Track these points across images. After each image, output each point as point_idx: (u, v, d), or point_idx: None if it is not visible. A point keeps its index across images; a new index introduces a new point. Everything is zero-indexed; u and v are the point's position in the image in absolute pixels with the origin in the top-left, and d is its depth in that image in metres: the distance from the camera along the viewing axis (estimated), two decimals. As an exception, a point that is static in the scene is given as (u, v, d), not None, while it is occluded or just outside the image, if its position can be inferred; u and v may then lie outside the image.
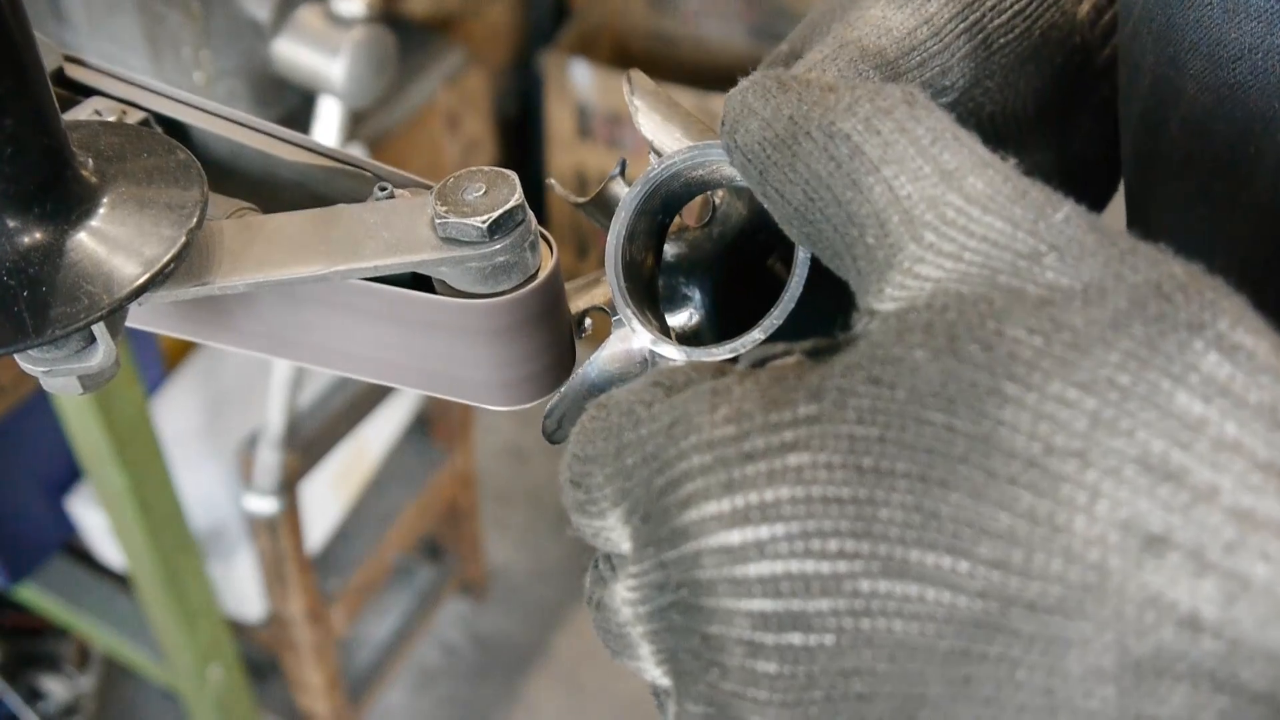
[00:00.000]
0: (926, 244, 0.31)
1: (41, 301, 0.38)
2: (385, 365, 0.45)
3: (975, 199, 0.31)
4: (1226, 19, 0.41)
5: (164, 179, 0.42)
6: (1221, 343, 0.27)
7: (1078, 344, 0.27)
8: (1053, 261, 0.29)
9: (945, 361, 0.28)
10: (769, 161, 0.35)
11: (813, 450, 0.29)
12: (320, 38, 1.21)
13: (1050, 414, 0.27)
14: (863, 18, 0.45)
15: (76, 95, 0.48)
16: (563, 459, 0.36)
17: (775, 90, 0.36)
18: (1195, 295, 0.28)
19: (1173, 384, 0.26)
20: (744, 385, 0.31)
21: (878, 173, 0.32)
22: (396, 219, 0.42)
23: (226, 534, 1.81)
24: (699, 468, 0.30)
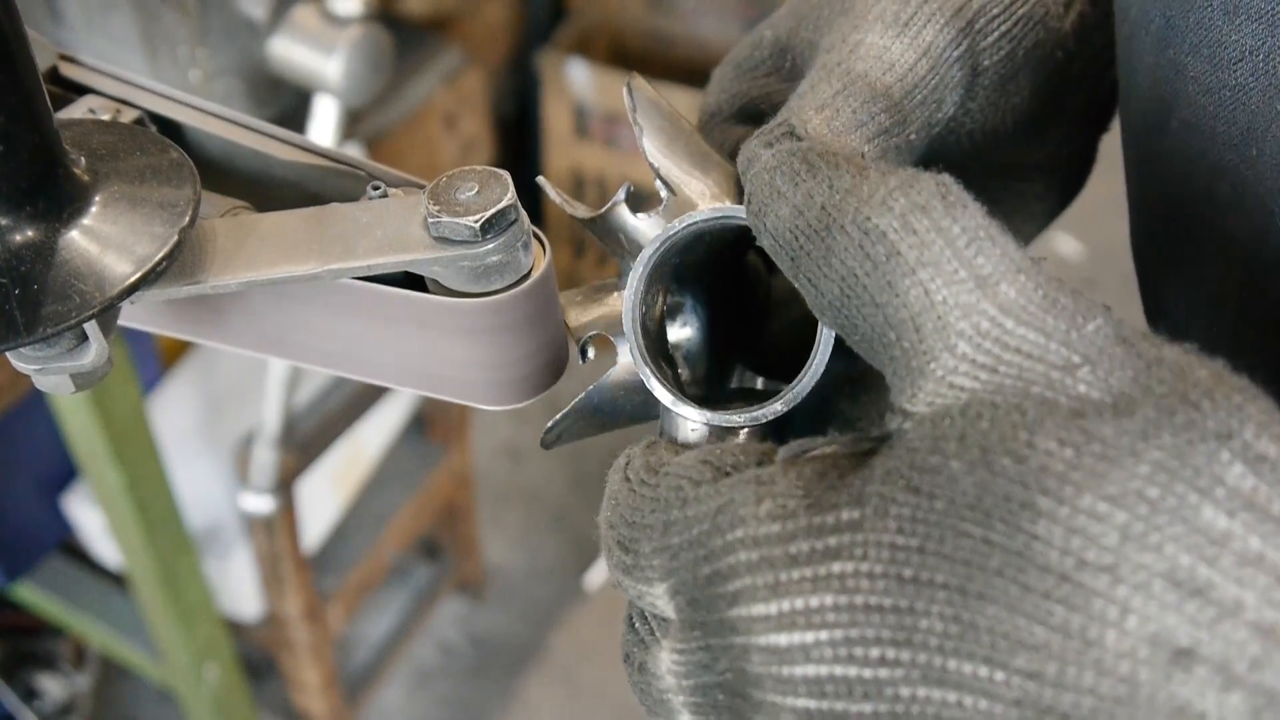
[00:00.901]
0: (960, 354, 0.32)
1: (33, 300, 0.38)
2: (378, 364, 0.45)
3: (1009, 309, 0.31)
4: (1227, 21, 0.41)
5: (157, 177, 0.42)
6: (1247, 453, 0.28)
7: (1108, 455, 0.28)
8: (1085, 375, 0.30)
9: (980, 474, 0.29)
10: (801, 251, 0.35)
11: (855, 559, 0.30)
12: (316, 36, 1.21)
13: (1082, 528, 0.28)
14: (863, 45, 0.44)
15: (71, 94, 0.48)
16: (604, 513, 0.37)
17: (804, 173, 0.35)
18: (1223, 401, 0.28)
19: (1199, 497, 0.27)
20: (788, 478, 0.33)
21: (914, 275, 0.32)
22: (389, 218, 0.42)
23: (223, 533, 1.81)
24: (745, 565, 0.32)
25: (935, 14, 0.45)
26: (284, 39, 1.21)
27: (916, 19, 0.45)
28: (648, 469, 0.37)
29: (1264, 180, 0.41)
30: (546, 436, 0.47)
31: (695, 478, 0.35)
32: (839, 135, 0.42)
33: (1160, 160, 0.46)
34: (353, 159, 0.45)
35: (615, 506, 0.37)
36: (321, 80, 1.22)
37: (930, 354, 0.32)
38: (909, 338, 0.33)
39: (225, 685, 1.81)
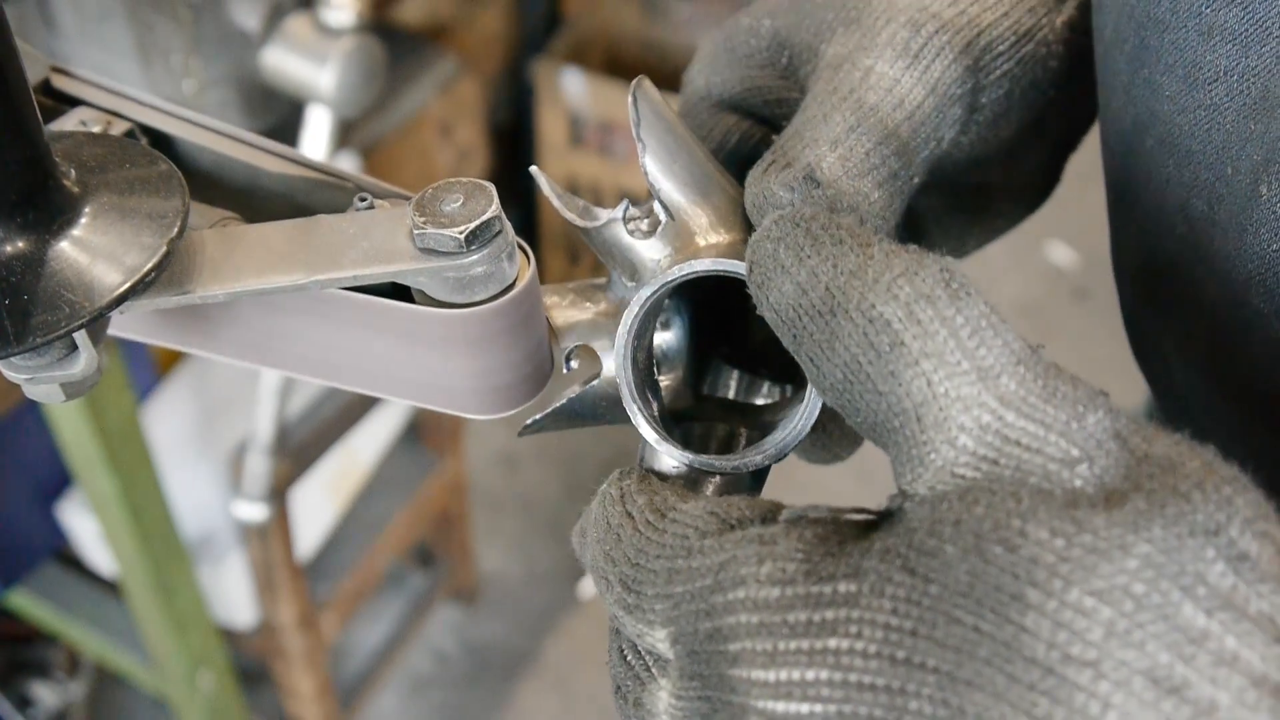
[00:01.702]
0: (961, 447, 0.32)
1: (23, 309, 0.38)
2: (365, 374, 0.46)
3: (1010, 402, 0.32)
4: (1202, 41, 0.42)
5: (146, 189, 0.42)
6: (1230, 550, 0.29)
7: (1097, 548, 0.29)
8: (1082, 470, 0.31)
9: (973, 561, 0.30)
10: (804, 331, 0.35)
11: (851, 636, 0.31)
12: (309, 47, 1.21)
13: (1068, 623, 0.28)
14: (874, 74, 0.44)
15: (63, 105, 0.49)
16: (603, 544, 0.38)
17: (808, 248, 0.36)
18: (1212, 493, 0.29)
19: (1181, 595, 0.28)
20: (789, 540, 0.34)
21: (917, 366, 0.33)
22: (375, 229, 0.42)
23: (217, 541, 1.81)
24: (746, 628, 0.33)
25: (945, 47, 0.45)
26: (277, 49, 1.22)
27: (927, 51, 0.45)
28: (653, 509, 0.37)
29: (1238, 197, 0.42)
30: (524, 430, 0.47)
31: (701, 528, 0.36)
32: (853, 179, 0.42)
33: (1137, 177, 0.47)
34: (340, 171, 0.46)
35: (618, 543, 0.37)
36: (314, 91, 1.23)
37: (932, 445, 0.33)
38: (911, 427, 0.33)
39: (219, 693, 1.81)
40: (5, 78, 0.37)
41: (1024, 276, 3.15)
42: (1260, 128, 0.40)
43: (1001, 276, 3.13)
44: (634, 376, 0.44)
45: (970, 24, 0.46)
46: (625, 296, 0.45)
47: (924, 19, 0.45)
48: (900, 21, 0.45)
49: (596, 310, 0.46)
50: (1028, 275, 3.16)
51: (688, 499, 0.38)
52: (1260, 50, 0.40)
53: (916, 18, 0.45)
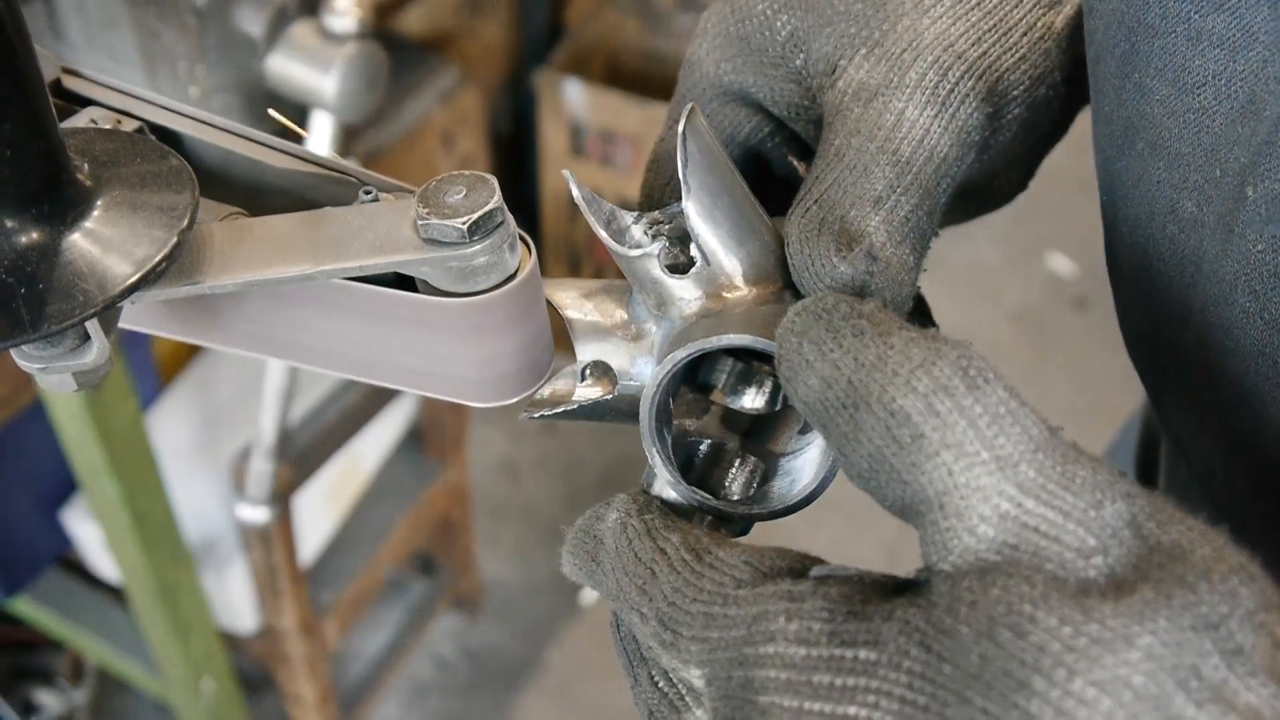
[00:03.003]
0: (982, 534, 0.34)
1: (38, 298, 0.39)
2: (370, 363, 0.47)
3: (1029, 489, 0.34)
4: (1190, 46, 0.42)
5: (156, 183, 0.43)
6: (1227, 644, 0.30)
7: (1102, 639, 0.31)
8: (1097, 561, 0.33)
9: (985, 646, 0.32)
10: (831, 423, 0.37)
11: (869, 706, 0.33)
12: (313, 53, 1.23)
13: (1070, 711, 0.30)
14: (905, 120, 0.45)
15: (73, 105, 0.50)
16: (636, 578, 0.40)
17: (829, 343, 0.37)
18: (1219, 583, 0.31)
19: (1176, 687, 0.30)
20: (815, 600, 0.36)
21: (937, 458, 0.34)
22: (380, 221, 0.43)
23: (220, 547, 1.82)
24: (774, 683, 0.35)
25: (969, 94, 0.46)
26: (281, 56, 1.23)
27: (953, 97, 0.46)
28: (689, 550, 0.39)
29: (1225, 198, 0.42)
30: (528, 417, 0.48)
31: (738, 577, 0.38)
32: (896, 245, 0.43)
33: (1128, 178, 0.47)
34: (345, 165, 0.47)
35: (653, 579, 0.39)
36: (318, 96, 1.24)
37: (954, 532, 0.34)
38: (934, 514, 0.35)
39: (221, 699, 1.82)
40: (23, 75, 0.38)
41: (1024, 286, 3.16)
42: (1247, 131, 0.41)
43: (1002, 286, 3.14)
44: (654, 423, 0.44)
45: (991, 68, 0.47)
46: (645, 322, 0.46)
47: (950, 60, 0.46)
48: (928, 61, 0.46)
49: (614, 323, 0.47)
50: (1028, 285, 3.17)
51: (722, 544, 0.40)
52: (1247, 55, 0.41)
53: (943, 59, 0.46)
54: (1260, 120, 0.40)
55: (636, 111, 2.54)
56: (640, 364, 0.47)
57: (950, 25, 0.47)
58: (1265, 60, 0.40)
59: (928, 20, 0.47)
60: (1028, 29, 0.49)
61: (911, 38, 0.46)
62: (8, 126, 0.38)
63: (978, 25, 0.47)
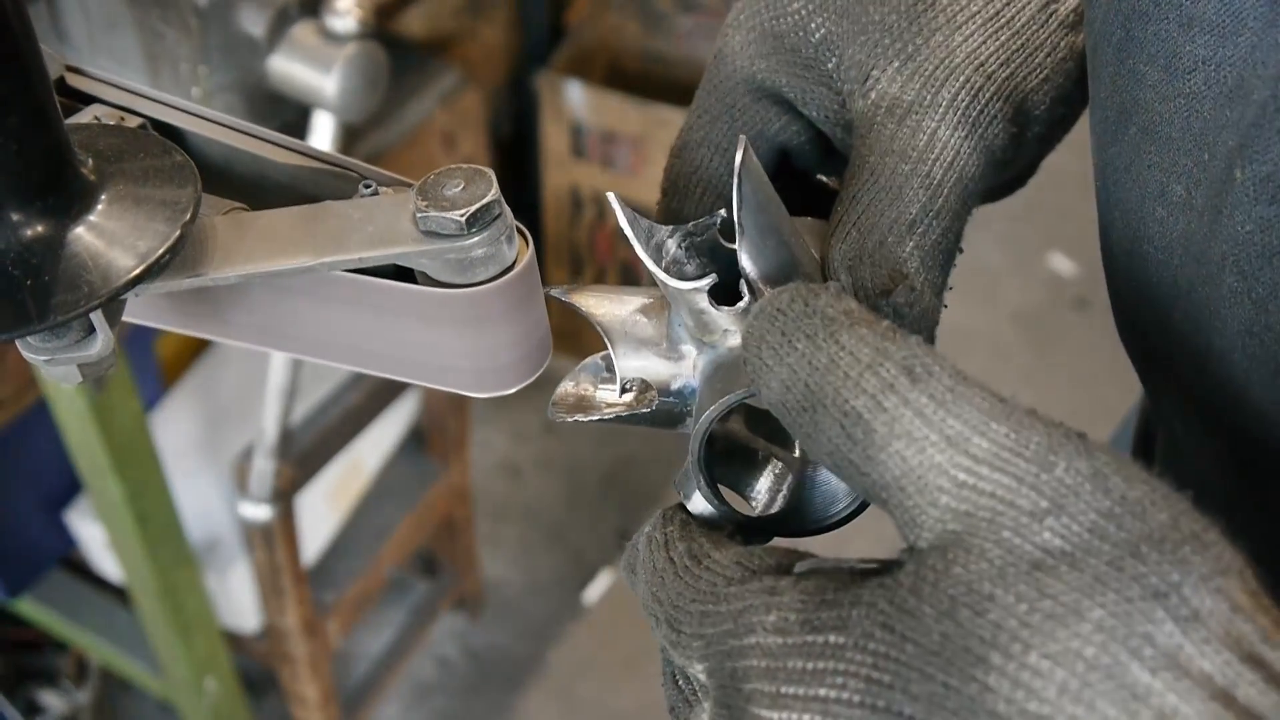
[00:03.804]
0: (943, 506, 0.35)
1: (44, 289, 0.40)
2: (370, 354, 0.48)
3: (982, 459, 0.35)
4: (1182, 32, 0.43)
5: (160, 178, 0.44)
6: (1180, 610, 0.31)
7: (1056, 613, 0.32)
8: (1051, 523, 0.34)
9: (945, 624, 0.34)
10: (794, 423, 0.39)
11: (837, 687, 0.35)
12: (314, 54, 1.23)
13: (1026, 683, 0.32)
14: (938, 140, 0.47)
15: (77, 103, 0.50)
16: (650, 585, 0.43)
17: (783, 346, 0.39)
18: (1169, 553, 0.32)
19: (1129, 656, 0.31)
20: (793, 592, 0.38)
21: (889, 447, 0.36)
22: (380, 214, 0.44)
23: (223, 547, 1.82)
24: (756, 671, 0.37)
25: (998, 116, 0.48)
26: (283, 56, 1.24)
27: (983, 118, 0.48)
28: (691, 557, 0.42)
29: (1214, 181, 0.43)
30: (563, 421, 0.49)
31: (728, 575, 0.40)
32: (928, 269, 0.46)
33: (1120, 163, 0.48)
34: (345, 160, 0.48)
35: (662, 585, 0.42)
36: (319, 96, 1.25)
37: (919, 508, 0.36)
38: (897, 497, 0.36)
39: (225, 699, 1.82)
40: (28, 71, 0.39)
41: (1025, 286, 3.17)
42: (1235, 114, 0.42)
43: (1002, 286, 3.15)
44: (702, 454, 0.45)
45: (1018, 89, 0.49)
46: (684, 343, 0.47)
47: (980, 81, 0.48)
48: (960, 81, 0.47)
49: (654, 340, 0.48)
50: (1029, 285, 3.17)
51: (720, 547, 0.42)
52: (1236, 40, 0.42)
53: (974, 79, 0.48)
54: (1248, 104, 0.41)
55: (637, 113, 2.54)
56: (680, 383, 0.48)
57: (981, 44, 0.49)
58: (1254, 45, 0.41)
59: (960, 37, 0.48)
60: (1052, 49, 0.50)
61: (944, 55, 0.48)
62: (13, 121, 0.39)
63: (1007, 45, 0.49)
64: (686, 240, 0.46)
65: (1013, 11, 0.50)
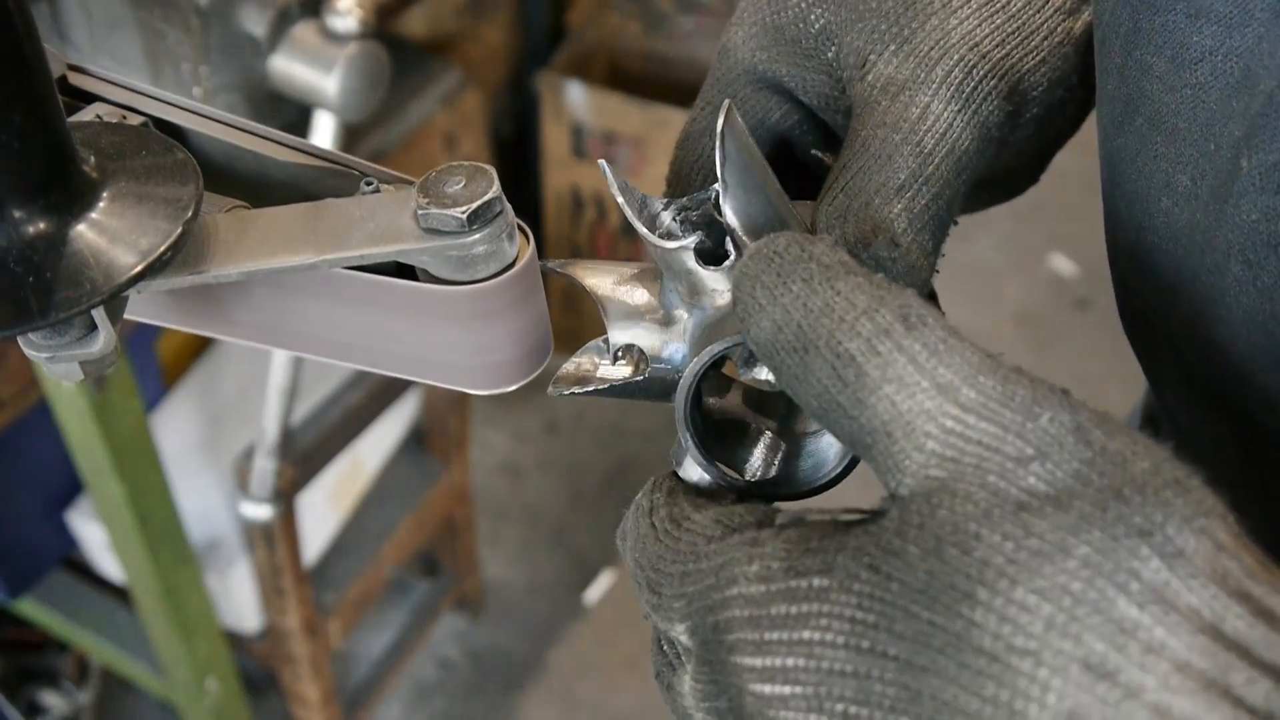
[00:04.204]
0: (929, 451, 0.35)
1: (46, 287, 0.40)
2: (371, 352, 0.48)
3: (970, 408, 0.35)
4: (1189, 23, 0.44)
5: (161, 175, 0.44)
6: (1165, 547, 0.32)
7: (1042, 550, 0.32)
8: (1035, 468, 0.34)
9: (931, 562, 0.34)
10: (783, 364, 0.39)
11: (822, 629, 0.35)
12: (315, 53, 1.24)
13: (1012, 618, 0.32)
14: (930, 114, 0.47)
15: (79, 102, 0.50)
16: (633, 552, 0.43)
17: (778, 287, 0.39)
18: (1151, 496, 0.32)
19: (1116, 591, 0.31)
20: (775, 542, 0.38)
21: (880, 390, 0.36)
22: (381, 211, 0.44)
23: (224, 548, 1.82)
24: (739, 621, 0.37)
25: (992, 93, 0.48)
26: (284, 56, 1.24)
27: (977, 94, 0.48)
28: (672, 520, 0.42)
29: (1220, 171, 0.44)
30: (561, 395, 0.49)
31: (708, 534, 0.41)
32: (916, 232, 0.46)
33: (1126, 154, 0.49)
34: (346, 158, 0.48)
35: (644, 550, 0.42)
36: (320, 96, 1.25)
37: (904, 453, 0.36)
38: (883, 442, 0.37)
39: (226, 699, 1.83)
40: (30, 67, 0.39)
41: (1027, 287, 3.17)
42: (1241, 105, 0.42)
43: (1004, 287, 3.15)
44: (689, 409, 0.46)
45: (1013, 69, 0.49)
46: (676, 308, 0.48)
47: (975, 59, 0.48)
48: (954, 59, 0.48)
49: (646, 307, 0.48)
50: (1030, 285, 3.17)
51: (701, 509, 0.42)
52: (1243, 31, 0.42)
53: (968, 58, 0.48)
54: (1254, 94, 0.42)
55: (638, 113, 2.55)
56: (671, 349, 0.48)
57: (976, 26, 0.49)
58: (1260, 36, 0.42)
59: (955, 20, 0.49)
60: (1048, 33, 0.51)
61: (939, 36, 0.48)
62: (16, 119, 0.39)
63: (1002, 28, 0.49)
64: (682, 213, 0.47)
65: None
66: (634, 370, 0.48)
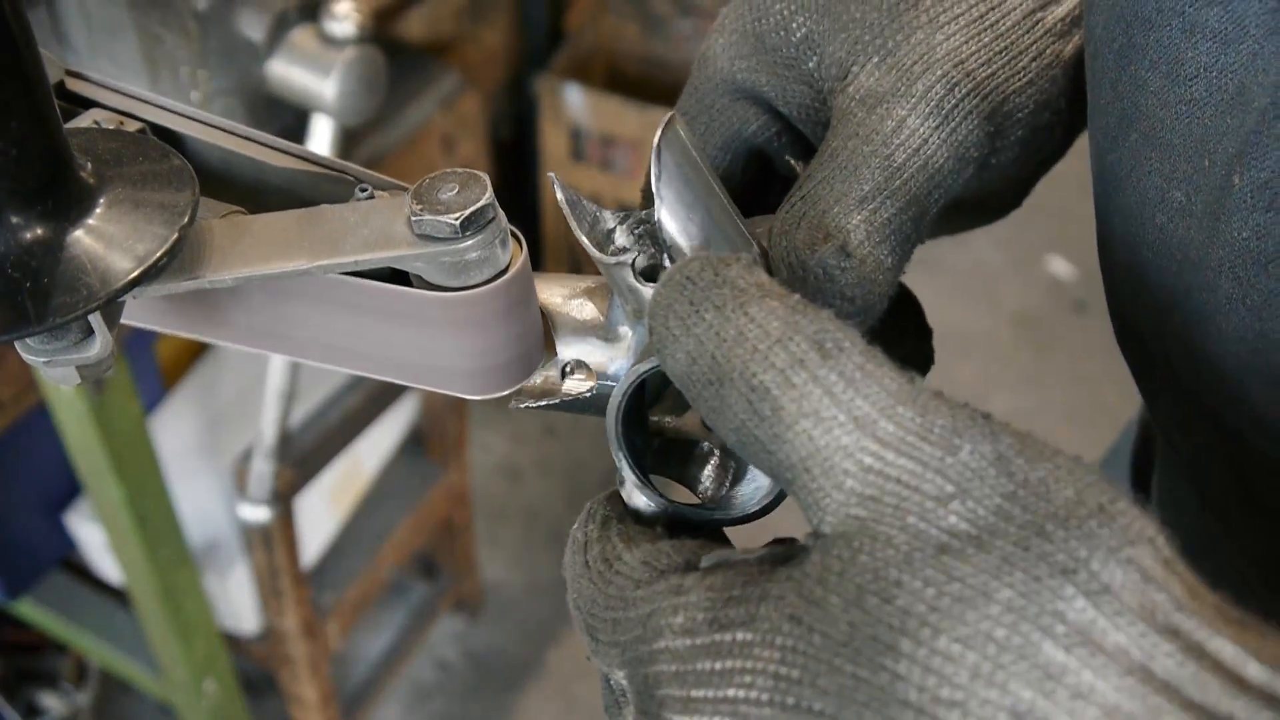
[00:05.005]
0: (848, 490, 0.35)
1: (43, 292, 0.40)
2: (365, 357, 0.48)
3: (888, 443, 0.34)
4: (1184, 39, 0.43)
5: (158, 181, 0.44)
6: (1090, 585, 0.31)
7: (964, 596, 0.32)
8: (956, 506, 0.33)
9: (853, 614, 0.33)
10: (699, 396, 0.38)
11: (746, 687, 0.35)
12: (313, 58, 1.24)
13: (937, 669, 0.31)
14: (905, 128, 0.46)
15: (77, 107, 0.51)
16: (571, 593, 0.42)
17: (691, 316, 0.37)
18: (1075, 529, 0.32)
19: (1041, 635, 0.30)
20: (699, 590, 0.37)
21: (796, 426, 0.35)
22: (375, 217, 0.45)
23: (222, 549, 1.83)
24: (666, 676, 0.37)
25: (972, 112, 0.47)
26: (282, 60, 1.24)
27: (956, 112, 0.47)
28: (604, 560, 0.42)
29: (1213, 187, 0.43)
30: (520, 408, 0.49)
31: (636, 578, 0.40)
32: (875, 245, 0.45)
33: (1120, 169, 0.48)
34: (341, 164, 0.48)
35: (580, 592, 0.41)
36: (318, 100, 1.25)
37: (824, 491, 0.35)
38: (802, 478, 0.36)
39: (224, 701, 1.83)
40: (27, 74, 0.39)
41: (1024, 289, 3.17)
42: (1235, 121, 0.42)
43: (1002, 289, 3.16)
44: (620, 430, 0.45)
45: (997, 90, 0.48)
46: (621, 325, 0.47)
47: (958, 77, 0.47)
48: (936, 74, 0.47)
49: (593, 323, 0.48)
50: (1028, 288, 3.18)
51: (632, 546, 0.41)
52: (1238, 48, 0.42)
53: (951, 74, 0.47)
54: (1248, 111, 0.41)
55: (636, 116, 2.55)
56: (616, 365, 0.48)
57: (963, 44, 0.48)
58: (1255, 53, 0.41)
59: (941, 36, 0.48)
60: (1037, 55, 0.50)
61: (924, 51, 0.48)
62: (13, 125, 0.39)
63: (989, 46, 0.49)
64: (638, 227, 0.46)
65: (997, 16, 0.50)
66: (585, 386, 0.48)
